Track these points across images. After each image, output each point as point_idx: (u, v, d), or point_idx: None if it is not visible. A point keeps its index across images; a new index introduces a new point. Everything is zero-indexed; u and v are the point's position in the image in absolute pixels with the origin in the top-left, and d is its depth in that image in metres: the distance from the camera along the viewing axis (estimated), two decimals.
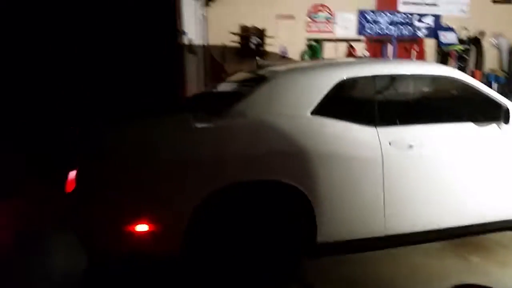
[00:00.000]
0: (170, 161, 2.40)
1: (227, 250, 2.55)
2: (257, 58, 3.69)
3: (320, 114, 2.76)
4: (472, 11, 7.34)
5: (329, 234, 2.76)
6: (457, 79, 3.19)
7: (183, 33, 5.40)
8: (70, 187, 2.54)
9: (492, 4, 7.53)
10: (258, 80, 2.96)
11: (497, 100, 3.16)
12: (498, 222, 3.21)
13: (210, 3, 5.79)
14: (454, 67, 7.06)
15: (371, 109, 2.97)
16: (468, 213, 3.11)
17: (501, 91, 6.90)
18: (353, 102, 3.07)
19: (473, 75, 7.03)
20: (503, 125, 3.07)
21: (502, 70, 7.37)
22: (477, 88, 3.18)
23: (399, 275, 3.12)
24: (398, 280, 3.05)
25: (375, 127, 2.85)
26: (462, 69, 7.17)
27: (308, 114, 2.74)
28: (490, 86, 6.94)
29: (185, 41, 5.42)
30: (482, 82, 6.77)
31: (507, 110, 3.02)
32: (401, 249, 3.41)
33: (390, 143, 2.83)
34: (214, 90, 3.60)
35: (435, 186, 2.98)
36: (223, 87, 3.49)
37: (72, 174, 2.54)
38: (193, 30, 5.54)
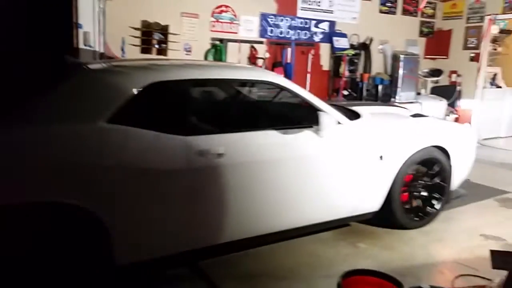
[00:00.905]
0: None
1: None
2: (68, 56, 3.25)
3: (120, 123, 2.42)
4: (362, 19, 8.02)
5: (136, 253, 2.56)
6: (279, 84, 3.16)
7: (78, 25, 5.11)
8: None
9: (379, 13, 8.29)
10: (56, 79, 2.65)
11: (316, 106, 3.17)
12: (322, 223, 3.40)
13: None
14: (346, 70, 7.65)
15: (183, 117, 2.77)
16: (290, 216, 3.18)
17: (384, 92, 7.66)
18: (162, 110, 2.77)
19: (362, 78, 7.68)
20: (322, 130, 3.06)
21: (387, 74, 8.15)
22: (299, 94, 3.19)
23: (299, 264, 3.30)
24: (299, 269, 3.24)
25: (185, 136, 2.61)
26: (352, 71, 7.78)
27: (103, 122, 2.38)
28: (376, 87, 7.66)
29: (80, 33, 5.13)
30: (369, 84, 7.40)
31: (325, 115, 3.04)
32: (299, 239, 3.62)
33: (200, 153, 2.63)
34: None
35: (252, 193, 2.92)
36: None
37: None
38: (90, 23, 5.26)
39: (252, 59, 6.95)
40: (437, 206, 3.95)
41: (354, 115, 3.64)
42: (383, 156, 3.43)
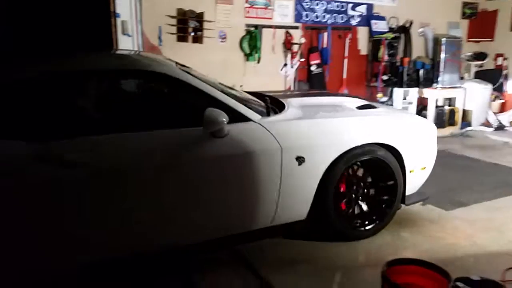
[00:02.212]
0: None
1: None
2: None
3: None
4: (401, 1, 7.71)
5: None
6: (166, 75, 2.67)
7: (116, 15, 5.17)
8: None
9: None
10: None
11: (216, 100, 2.71)
12: (220, 239, 2.89)
13: None
14: (385, 54, 7.41)
15: (26, 117, 2.37)
16: (169, 234, 2.72)
17: (426, 77, 7.38)
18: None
19: (402, 62, 7.42)
20: (210, 129, 2.55)
21: (428, 58, 7.84)
22: (193, 86, 2.69)
23: (337, 253, 3.24)
24: (338, 258, 3.18)
25: (29, 141, 2.26)
26: (392, 55, 7.53)
27: None
28: (417, 72, 7.39)
29: (118, 22, 5.20)
30: (410, 68, 7.14)
31: (212, 111, 2.51)
32: None
33: (48, 161, 2.28)
34: None
35: (118, 211, 2.50)
36: None
37: None
38: (127, 12, 5.31)
39: (287, 45, 6.84)
40: (388, 210, 3.44)
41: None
42: (303, 157, 2.89)
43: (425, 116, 7.03)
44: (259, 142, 2.77)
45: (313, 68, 7.08)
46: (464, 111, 7.81)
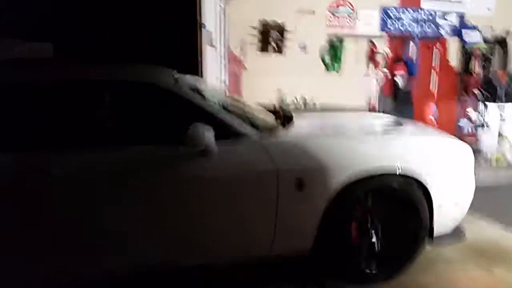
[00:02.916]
0: None
1: None
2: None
3: None
4: (498, 10, 7.12)
5: None
6: (154, 85, 2.49)
7: (203, 26, 5.31)
8: None
9: None
10: None
11: (211, 115, 2.48)
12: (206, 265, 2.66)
13: None
14: (478, 67, 6.88)
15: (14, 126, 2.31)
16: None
17: None
18: None
19: (497, 76, 6.84)
20: (194, 147, 2.34)
21: None
22: (179, 97, 2.48)
23: (423, 283, 3.01)
24: None
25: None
26: (485, 68, 6.98)
27: None
28: None
29: (204, 33, 5.34)
30: (507, 82, 6.57)
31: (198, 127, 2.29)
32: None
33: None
34: None
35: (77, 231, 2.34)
36: None
37: None
38: (212, 23, 5.44)
39: (371, 55, 6.61)
40: (411, 254, 2.85)
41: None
42: (303, 180, 2.52)
43: None
44: (252, 162, 2.49)
45: (398, 79, 6.76)
46: None
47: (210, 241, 2.51)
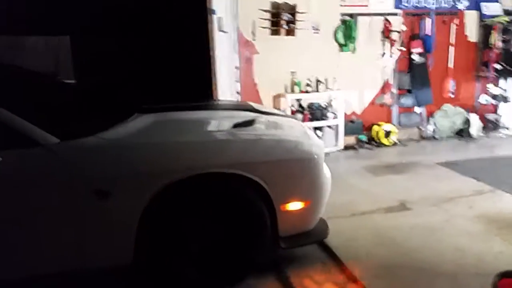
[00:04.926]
0: None
1: None
2: None
3: None
4: None
5: None
6: None
7: (212, 11, 5.30)
8: None
9: None
10: None
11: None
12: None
13: None
14: (498, 40, 6.65)
15: None
16: None
17: None
18: None
19: None
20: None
21: None
22: None
23: (444, 259, 2.98)
24: (443, 264, 2.93)
25: None
26: (506, 42, 6.73)
27: None
28: None
29: (214, 19, 5.33)
30: None
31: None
32: (442, 230, 3.27)
33: None
34: None
35: None
36: None
37: None
38: (223, 8, 5.42)
39: (386, 33, 6.46)
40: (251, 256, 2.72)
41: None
42: (107, 191, 2.34)
43: None
44: (42, 172, 2.32)
45: (414, 57, 6.61)
46: None
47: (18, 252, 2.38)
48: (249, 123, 3.06)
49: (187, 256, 2.59)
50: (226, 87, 5.56)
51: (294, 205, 2.72)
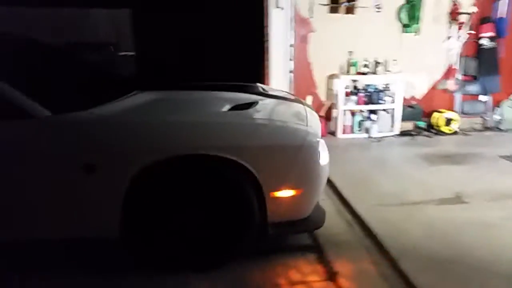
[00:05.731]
0: None
1: None
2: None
3: None
4: None
5: None
6: None
7: None
8: None
9: None
10: None
11: None
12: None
13: None
14: None
15: None
16: None
17: None
18: None
19: None
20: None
21: None
22: None
23: (500, 259, 2.78)
24: (500, 264, 2.73)
25: None
26: None
27: None
28: None
29: None
30: None
31: None
32: (499, 225, 3.05)
33: None
34: None
35: None
36: None
37: None
38: None
39: (453, 14, 6.03)
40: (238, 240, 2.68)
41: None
42: (93, 164, 2.39)
43: None
44: (32, 144, 2.39)
45: (483, 41, 6.13)
46: None
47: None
48: (247, 106, 3.00)
49: (170, 234, 2.61)
50: (279, 65, 5.46)
51: (285, 193, 2.65)
